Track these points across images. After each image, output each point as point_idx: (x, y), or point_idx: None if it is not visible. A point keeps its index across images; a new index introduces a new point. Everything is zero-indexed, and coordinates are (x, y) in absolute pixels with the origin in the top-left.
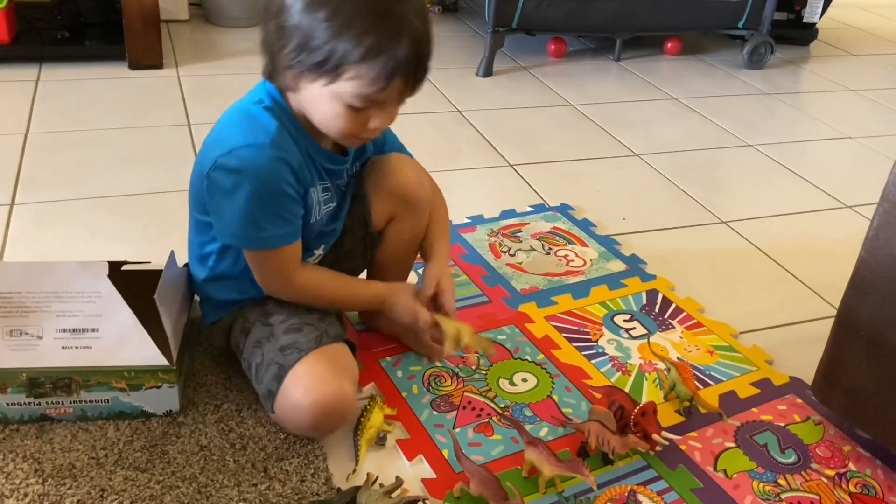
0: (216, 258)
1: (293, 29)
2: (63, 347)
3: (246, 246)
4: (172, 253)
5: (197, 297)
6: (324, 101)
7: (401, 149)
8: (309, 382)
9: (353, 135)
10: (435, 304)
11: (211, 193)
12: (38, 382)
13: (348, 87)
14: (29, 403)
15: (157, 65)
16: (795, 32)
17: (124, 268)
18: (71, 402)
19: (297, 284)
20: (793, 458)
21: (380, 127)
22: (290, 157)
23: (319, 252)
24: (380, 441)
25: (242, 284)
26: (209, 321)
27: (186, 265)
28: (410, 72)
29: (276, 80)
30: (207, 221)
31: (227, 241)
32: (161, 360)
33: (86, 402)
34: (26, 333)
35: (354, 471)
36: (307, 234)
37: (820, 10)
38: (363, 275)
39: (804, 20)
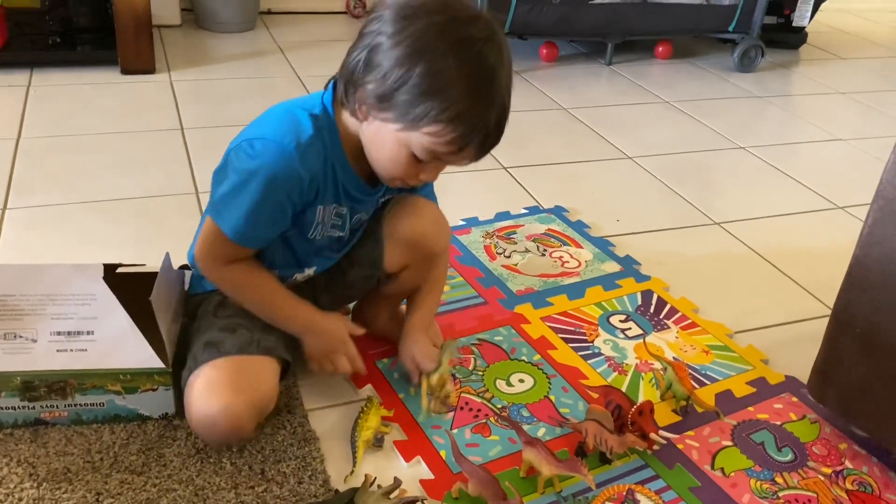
0: None
1: (385, 74)
2: (58, 350)
3: (213, 216)
4: (168, 255)
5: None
6: (388, 143)
7: (429, 193)
8: (202, 387)
9: (401, 179)
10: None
11: (223, 163)
12: (33, 386)
13: (422, 140)
14: (23, 407)
15: (150, 69)
16: (785, 36)
17: (119, 270)
18: (66, 406)
19: (219, 273)
20: (790, 457)
21: (430, 179)
22: (307, 168)
23: (310, 272)
24: (377, 442)
25: None
26: (190, 293)
27: (182, 267)
28: (487, 145)
29: (341, 97)
30: None
31: (213, 213)
32: (157, 363)
33: (81, 405)
34: (20, 336)
35: (352, 472)
36: (300, 248)
37: (809, 15)
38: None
39: (793, 24)
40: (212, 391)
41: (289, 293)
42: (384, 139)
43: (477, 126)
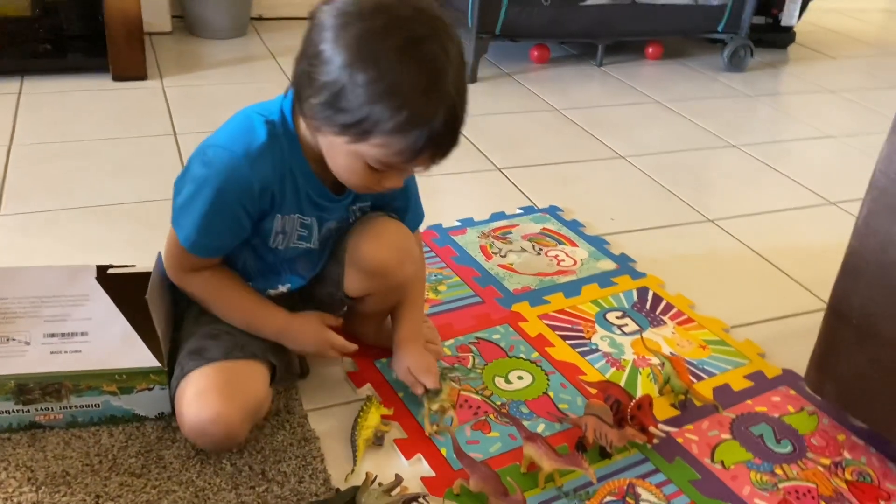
0: None
1: (327, 83)
2: (52, 353)
3: (173, 224)
4: (160, 255)
5: None
6: (342, 155)
7: (416, 206)
8: (192, 395)
9: (364, 188)
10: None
11: (183, 170)
12: (27, 389)
13: (372, 151)
14: (18, 411)
15: (141, 76)
16: (774, 36)
17: (110, 271)
18: (61, 408)
19: (186, 281)
20: (788, 449)
21: (394, 186)
22: (258, 176)
23: (284, 289)
24: (377, 441)
25: None
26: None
27: None
28: (440, 149)
29: (297, 106)
30: None
31: (173, 221)
32: (153, 362)
33: (76, 407)
34: (13, 340)
35: (353, 471)
36: (269, 260)
37: (797, 14)
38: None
39: (782, 24)
40: (202, 399)
41: (259, 298)
42: (337, 152)
43: (424, 133)
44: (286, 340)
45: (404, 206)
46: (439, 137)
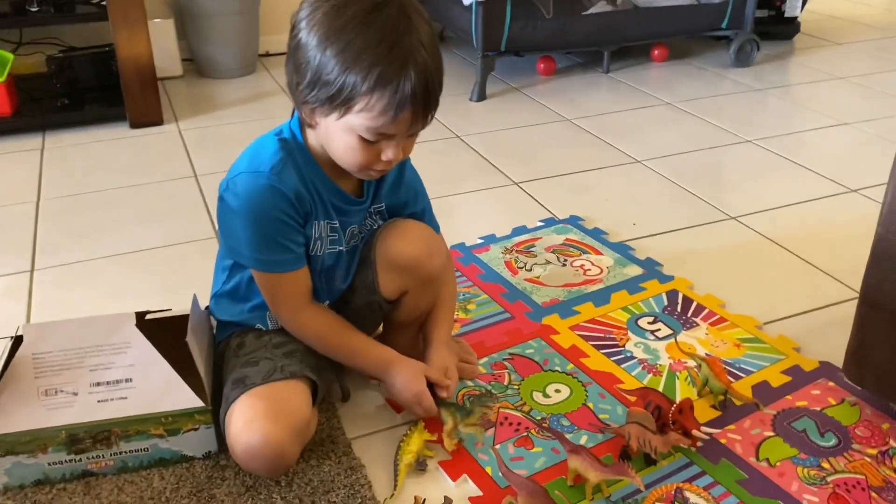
0: (228, 273)
1: (307, 65)
2: (99, 401)
3: (250, 265)
4: (195, 297)
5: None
6: (338, 134)
7: (430, 220)
8: (240, 423)
9: (367, 167)
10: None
11: (221, 213)
12: (78, 438)
13: (359, 119)
14: (70, 461)
15: (158, 121)
16: (778, 28)
17: (148, 317)
18: (111, 455)
19: (300, 319)
20: (833, 441)
21: (394, 159)
22: (286, 185)
23: (324, 305)
24: (419, 466)
25: (243, 306)
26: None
27: (208, 308)
28: (419, 103)
29: (300, 117)
30: (223, 255)
31: (235, 258)
32: (197, 402)
33: (126, 452)
34: (62, 391)
35: (392, 496)
36: (311, 270)
37: (800, 4)
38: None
39: (785, 15)
40: (249, 424)
41: (365, 336)
42: (333, 134)
43: (399, 86)
44: (389, 377)
45: (420, 212)
46: (415, 91)
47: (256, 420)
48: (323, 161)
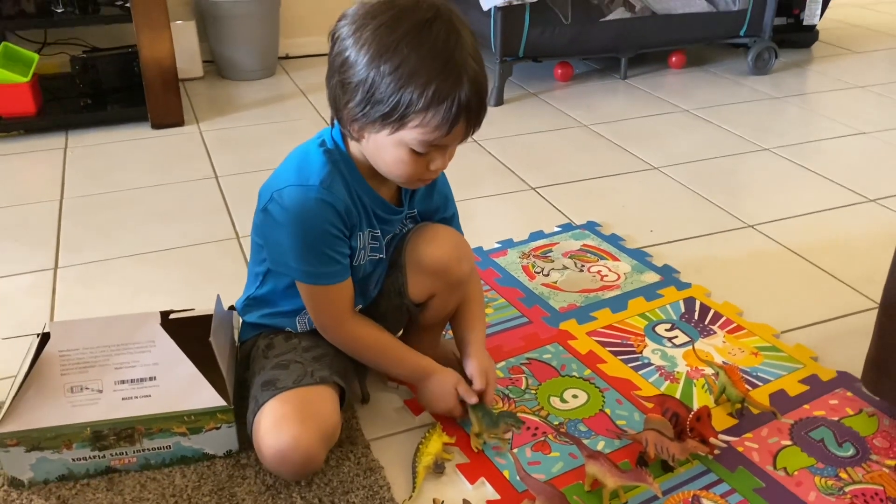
0: (262, 280)
1: (358, 84)
2: (123, 399)
3: (296, 277)
4: (219, 297)
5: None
6: (388, 149)
7: (452, 219)
8: (269, 425)
9: (416, 178)
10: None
11: (267, 225)
12: (102, 435)
13: (413, 134)
14: (94, 457)
15: (179, 122)
16: (797, 36)
17: (172, 316)
18: (135, 452)
19: (345, 330)
20: (851, 451)
21: (440, 167)
22: (336, 199)
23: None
24: (437, 469)
25: (274, 310)
26: (239, 341)
27: (232, 307)
28: (473, 114)
29: (341, 129)
30: (260, 244)
31: (281, 269)
32: (219, 401)
33: (149, 450)
34: (87, 388)
35: (410, 497)
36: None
37: (819, 12)
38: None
39: (804, 23)
40: (279, 426)
41: (401, 344)
42: (383, 148)
43: (454, 102)
44: (424, 387)
45: (449, 217)
46: (469, 104)
47: (286, 422)
48: (364, 170)
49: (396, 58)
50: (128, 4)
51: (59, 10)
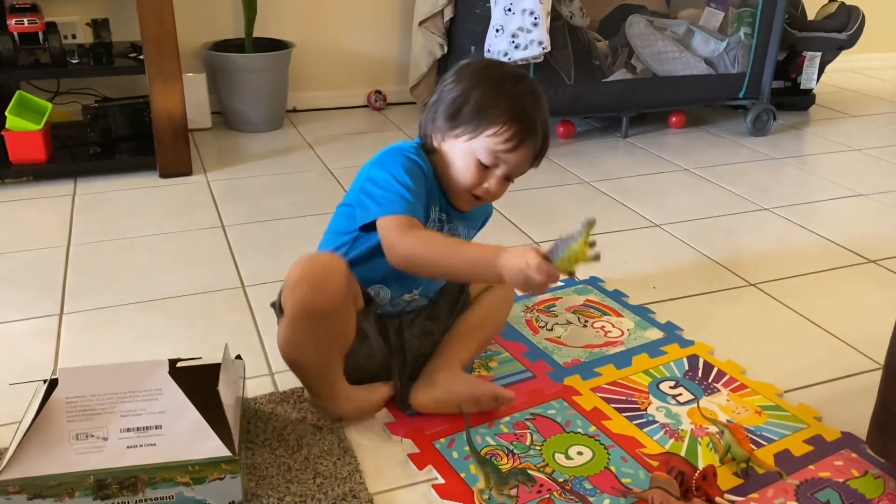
0: (348, 247)
1: (454, 99)
2: (128, 447)
3: (387, 208)
4: (227, 346)
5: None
6: (459, 154)
7: None
8: (301, 259)
9: (474, 186)
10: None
11: (372, 168)
12: (105, 484)
13: (485, 143)
14: None
15: (187, 172)
16: (794, 98)
17: (178, 364)
18: (137, 502)
19: (412, 234)
20: None
21: (494, 189)
22: (425, 164)
23: (416, 293)
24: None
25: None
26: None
27: (238, 357)
28: (538, 146)
29: (425, 142)
30: (341, 231)
31: (371, 213)
32: (224, 452)
33: (151, 499)
34: (92, 436)
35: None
36: None
37: (815, 76)
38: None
39: (801, 86)
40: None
41: (458, 240)
42: (455, 153)
43: (528, 124)
44: (501, 261)
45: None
46: (536, 135)
47: (316, 256)
48: (440, 174)
49: (491, 85)
50: (141, 57)
51: (73, 62)
